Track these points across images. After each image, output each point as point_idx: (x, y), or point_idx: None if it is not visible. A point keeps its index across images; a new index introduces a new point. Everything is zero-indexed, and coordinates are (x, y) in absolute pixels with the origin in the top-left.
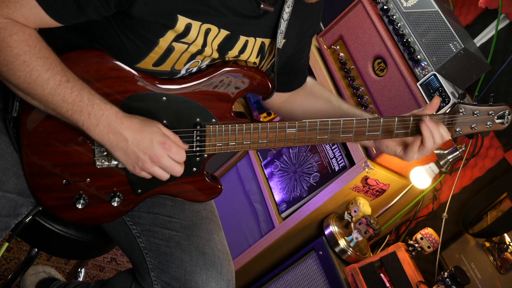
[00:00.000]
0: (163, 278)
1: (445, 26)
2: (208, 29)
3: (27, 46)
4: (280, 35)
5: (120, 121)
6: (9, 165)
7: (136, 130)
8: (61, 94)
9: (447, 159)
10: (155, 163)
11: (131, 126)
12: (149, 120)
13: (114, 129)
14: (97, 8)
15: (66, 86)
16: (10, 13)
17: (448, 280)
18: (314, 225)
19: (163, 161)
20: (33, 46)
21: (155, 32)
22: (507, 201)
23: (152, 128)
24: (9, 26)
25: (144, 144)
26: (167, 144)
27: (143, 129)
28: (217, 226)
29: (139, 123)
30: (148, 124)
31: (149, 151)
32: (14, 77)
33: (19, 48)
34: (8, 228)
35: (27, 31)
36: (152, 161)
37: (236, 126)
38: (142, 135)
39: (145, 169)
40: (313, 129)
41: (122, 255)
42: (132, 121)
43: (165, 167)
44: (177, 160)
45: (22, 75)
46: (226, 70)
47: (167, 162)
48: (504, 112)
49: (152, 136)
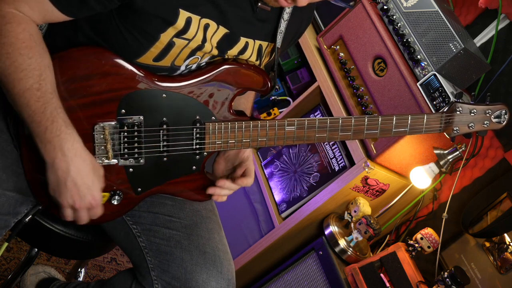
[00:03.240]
0: (164, 277)
1: (445, 26)
2: (207, 24)
3: (15, 39)
4: (280, 34)
5: (74, 152)
6: (9, 163)
7: (83, 174)
8: (27, 98)
9: (447, 159)
10: (73, 208)
11: (81, 166)
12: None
13: (63, 157)
14: (100, 1)
15: (34, 93)
16: (16, 3)
17: (448, 280)
18: (314, 225)
19: (80, 211)
20: (21, 41)
21: (156, 27)
22: (507, 201)
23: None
24: (8, 15)
25: (79, 190)
26: (96, 202)
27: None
28: (217, 226)
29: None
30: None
31: (78, 198)
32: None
33: (7, 38)
34: (7, 227)
35: (22, 25)
36: (71, 206)
37: (235, 124)
38: (84, 181)
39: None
40: (312, 127)
41: (122, 255)
42: (85, 161)
43: (78, 215)
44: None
45: (2, 67)
46: (226, 67)
47: (82, 214)
48: (501, 111)
49: (91, 189)
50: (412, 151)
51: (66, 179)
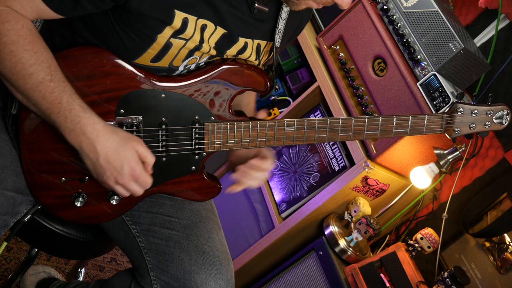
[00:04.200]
0: (163, 277)
1: (445, 26)
2: (204, 24)
3: (16, 36)
4: (278, 34)
5: (96, 133)
6: (8, 162)
7: (110, 150)
8: (42, 91)
9: (447, 159)
10: (119, 184)
11: (106, 143)
12: (129, 141)
13: (88, 140)
14: (92, 1)
15: (47, 85)
16: (7, 1)
17: (448, 280)
18: (314, 225)
19: (127, 185)
20: (23, 37)
21: (153, 28)
22: (507, 201)
23: (127, 152)
24: (3, 13)
25: (113, 166)
26: (137, 173)
27: (118, 151)
28: (216, 226)
29: (116, 142)
30: (125, 146)
31: (116, 173)
32: (1, 66)
33: (8, 37)
34: (6, 227)
35: (20, 22)
36: (116, 182)
37: (235, 124)
38: (114, 156)
39: (106, 185)
40: (311, 127)
41: (122, 255)
42: (109, 139)
43: (128, 189)
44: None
45: (8, 65)
46: (225, 67)
47: (131, 187)
48: (503, 112)
49: (123, 161)
50: (412, 151)
51: (97, 159)
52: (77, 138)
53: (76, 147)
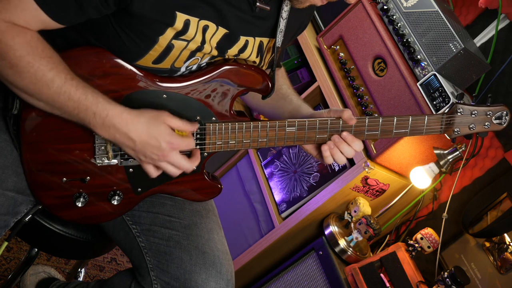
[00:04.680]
0: (163, 277)
1: (445, 26)
2: (206, 25)
3: (29, 47)
4: (280, 33)
5: (125, 122)
6: (9, 163)
7: (143, 133)
8: (67, 92)
9: (447, 159)
10: (165, 160)
11: (137, 128)
12: (156, 117)
13: (119, 130)
14: (97, 7)
15: (71, 83)
16: (11, 17)
17: (448, 280)
18: (314, 225)
19: (171, 159)
20: (35, 47)
21: (155, 30)
22: (507, 201)
23: (159, 128)
24: (9, 29)
25: (151, 146)
26: (175, 144)
27: (150, 131)
28: (217, 226)
29: (145, 125)
30: (155, 123)
31: (158, 150)
32: (20, 79)
33: (22, 50)
34: (7, 227)
35: (28, 33)
36: (160, 160)
37: (236, 125)
38: (149, 137)
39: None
40: (312, 128)
41: (122, 255)
42: (139, 123)
43: (174, 164)
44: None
45: (28, 76)
46: (226, 68)
47: (176, 160)
48: (502, 112)
49: (158, 138)
50: (412, 151)
51: (135, 145)
52: (108, 131)
53: (111, 140)
